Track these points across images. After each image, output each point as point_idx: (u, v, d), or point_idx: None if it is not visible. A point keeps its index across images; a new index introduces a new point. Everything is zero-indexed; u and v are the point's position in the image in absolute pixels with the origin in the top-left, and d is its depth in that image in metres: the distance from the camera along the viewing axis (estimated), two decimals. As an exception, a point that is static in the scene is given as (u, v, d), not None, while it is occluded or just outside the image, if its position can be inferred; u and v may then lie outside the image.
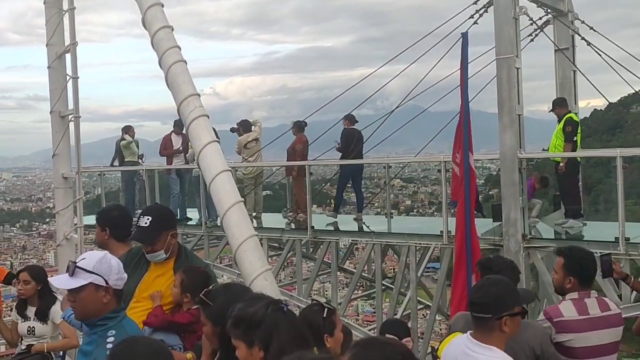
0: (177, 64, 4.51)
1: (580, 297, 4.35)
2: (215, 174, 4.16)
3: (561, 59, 12.26)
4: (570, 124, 10.67)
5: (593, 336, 4.27)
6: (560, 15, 12.16)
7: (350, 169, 12.97)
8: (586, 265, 4.45)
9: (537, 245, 10.00)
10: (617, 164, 9.48)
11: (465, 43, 6.45)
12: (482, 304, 3.30)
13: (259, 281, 3.82)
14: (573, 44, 12.33)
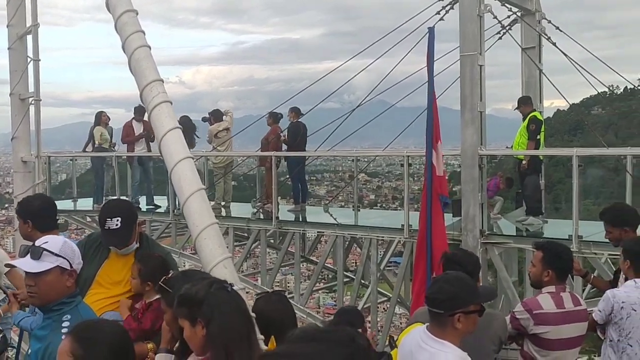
0: (140, 49, 4.45)
1: (557, 290, 4.52)
2: (177, 161, 4.12)
3: (527, 58, 12.41)
4: (534, 122, 10.86)
5: (566, 329, 4.45)
6: (528, 14, 12.29)
7: (296, 160, 13.10)
8: (564, 259, 4.63)
9: (494, 242, 10.17)
10: (573, 163, 9.72)
11: (431, 37, 6.50)
12: (435, 300, 3.33)
13: (219, 269, 3.80)
14: (539, 43, 12.47)
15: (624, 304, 4.74)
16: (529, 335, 4.45)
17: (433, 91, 6.41)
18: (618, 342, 4.79)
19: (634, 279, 4.83)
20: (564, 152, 11.03)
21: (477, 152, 10.13)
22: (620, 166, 10.18)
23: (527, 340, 4.49)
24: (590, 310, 5.05)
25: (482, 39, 10.32)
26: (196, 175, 4.21)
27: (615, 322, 4.78)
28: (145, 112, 9.43)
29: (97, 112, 14.66)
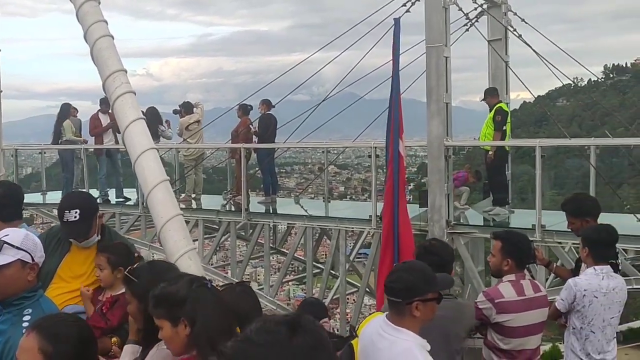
0: (103, 39, 4.38)
1: (517, 278, 4.57)
2: (141, 152, 4.08)
3: (493, 50, 12.42)
4: (500, 113, 10.97)
5: (528, 315, 4.50)
6: (494, 6, 12.31)
7: (266, 152, 13.08)
8: (523, 248, 4.68)
9: (460, 232, 10.30)
10: (536, 154, 9.87)
11: (397, 29, 6.52)
12: (393, 289, 3.36)
13: (183, 260, 3.78)
14: (506, 36, 12.48)
15: (586, 291, 4.82)
16: (491, 324, 4.49)
17: (398, 82, 6.41)
18: (581, 329, 4.87)
19: (593, 267, 4.91)
20: (528, 143, 11.21)
21: (443, 143, 10.22)
22: (585, 157, 10.33)
23: (490, 329, 4.54)
24: (552, 298, 5.13)
25: (448, 30, 10.38)
26: (160, 166, 4.17)
27: (578, 310, 4.85)
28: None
29: (63, 105, 14.44)
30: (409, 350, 3.18)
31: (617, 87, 63.98)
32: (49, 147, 15.40)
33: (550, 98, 57.11)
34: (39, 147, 16.47)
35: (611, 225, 5.21)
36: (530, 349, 4.58)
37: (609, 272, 4.90)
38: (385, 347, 3.26)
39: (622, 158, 23.69)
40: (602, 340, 4.84)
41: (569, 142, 13.37)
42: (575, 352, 4.91)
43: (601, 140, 11.22)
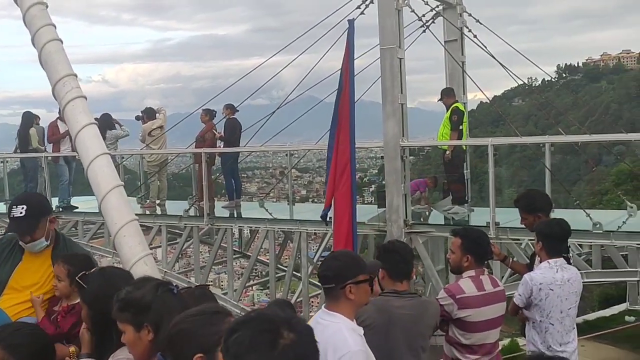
0: (51, 43, 4.27)
1: (477, 274, 4.62)
2: (93, 157, 3.98)
3: (451, 51, 12.48)
4: (456, 113, 11.06)
5: (488, 310, 4.55)
6: (449, 7, 12.41)
7: (231, 157, 13.04)
8: (482, 244, 4.72)
9: (418, 231, 10.37)
10: (489, 152, 10.01)
11: (351, 30, 6.51)
12: (325, 276, 3.48)
13: (140, 266, 3.69)
14: (462, 37, 12.58)
15: (542, 285, 4.87)
16: (453, 320, 4.52)
17: (352, 82, 6.38)
18: (540, 322, 4.92)
19: (547, 260, 4.97)
20: (480, 142, 11.34)
21: (399, 144, 10.29)
22: (540, 155, 10.51)
23: (452, 325, 4.57)
24: (510, 294, 5.18)
25: (401, 32, 10.45)
26: (114, 171, 4.08)
27: (536, 303, 4.90)
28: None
29: (25, 113, 14.27)
30: (339, 332, 3.27)
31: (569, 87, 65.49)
32: (10, 156, 15.22)
33: (506, 98, 58.27)
34: (1, 156, 16.14)
35: (564, 220, 5.28)
36: (490, 342, 4.62)
37: (562, 265, 4.97)
38: (319, 331, 3.30)
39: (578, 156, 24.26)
40: (561, 332, 4.90)
41: (520, 140, 13.64)
42: (537, 345, 4.95)
43: (553, 137, 11.42)
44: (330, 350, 3.19)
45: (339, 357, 3.18)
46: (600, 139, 12.85)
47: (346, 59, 6.32)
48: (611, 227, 9.45)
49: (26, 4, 4.39)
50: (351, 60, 6.35)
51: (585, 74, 75.83)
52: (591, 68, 78.09)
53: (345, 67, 6.33)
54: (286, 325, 1.67)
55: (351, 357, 3.18)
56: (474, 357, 4.54)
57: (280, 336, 1.63)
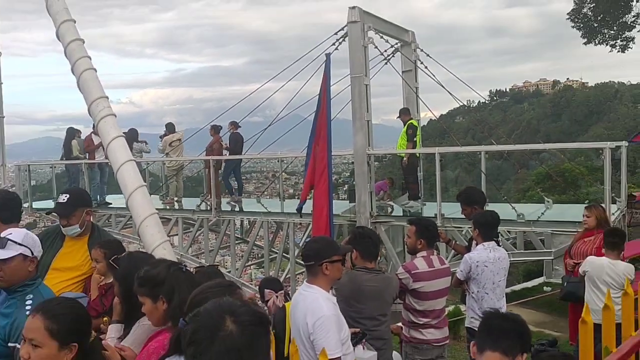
0: (87, 71, 4.22)
1: (428, 254, 4.61)
2: (121, 163, 3.94)
3: (407, 78, 12.53)
4: (411, 128, 11.10)
5: (436, 283, 4.54)
6: (406, 44, 12.46)
7: (233, 163, 12.94)
8: (432, 230, 4.73)
9: (381, 221, 10.40)
10: (436, 158, 10.07)
11: (328, 61, 6.50)
12: (307, 255, 3.46)
13: (159, 250, 3.67)
14: (415, 67, 12.58)
15: (478, 262, 4.90)
16: (409, 290, 4.52)
17: (329, 103, 6.35)
18: (477, 292, 4.94)
19: (482, 243, 5.00)
20: (429, 150, 11.37)
21: (366, 152, 10.35)
22: (477, 160, 10.55)
23: (408, 294, 4.56)
24: (454, 270, 5.20)
25: (367, 64, 10.49)
26: (138, 174, 4.03)
27: (474, 277, 4.93)
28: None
29: (69, 128, 14.22)
30: (316, 300, 3.26)
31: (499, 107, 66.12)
32: (58, 162, 15.03)
33: (450, 116, 58.60)
34: (50, 163, 16.06)
35: (495, 211, 5.34)
36: (438, 309, 4.63)
37: (494, 247, 5.01)
38: (300, 300, 3.36)
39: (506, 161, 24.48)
40: (493, 299, 4.92)
41: (460, 149, 13.71)
42: (475, 310, 4.97)
43: (487, 147, 11.46)
44: (309, 315, 3.20)
45: (315, 320, 3.17)
46: (523, 148, 13.07)
47: (324, 84, 6.30)
48: (532, 217, 9.50)
49: (67, 40, 4.34)
50: (328, 86, 6.33)
51: (512, 97, 76.63)
52: (516, 92, 78.98)
53: (323, 91, 6.30)
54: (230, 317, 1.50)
55: (324, 320, 3.17)
56: (425, 320, 4.55)
57: (220, 329, 1.48)
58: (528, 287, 12.60)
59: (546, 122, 60.44)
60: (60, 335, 2.26)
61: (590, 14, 17.42)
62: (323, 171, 6.09)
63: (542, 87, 79.84)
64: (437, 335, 4.59)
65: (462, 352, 7.58)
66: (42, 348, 2.24)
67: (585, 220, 6.16)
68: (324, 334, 3.14)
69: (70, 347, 2.27)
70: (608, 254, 5.46)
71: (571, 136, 47.90)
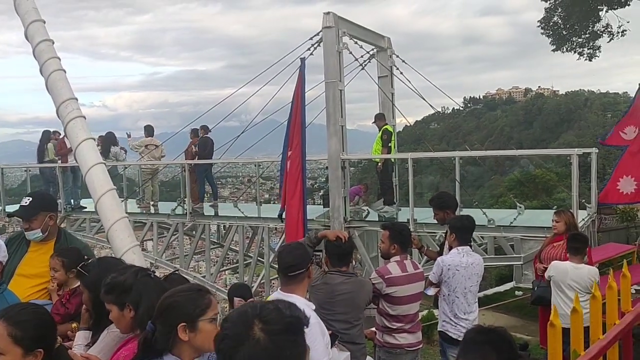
0: (56, 72, 4.11)
1: (401, 259, 4.59)
2: (90, 166, 3.84)
3: (382, 84, 12.54)
4: (385, 133, 11.13)
5: (409, 287, 4.53)
6: (382, 50, 12.47)
7: (204, 167, 12.88)
8: (405, 235, 4.70)
9: (355, 225, 10.41)
10: (409, 164, 10.15)
11: (302, 65, 6.48)
12: (296, 264, 3.31)
13: (129, 255, 3.58)
14: (391, 73, 12.59)
15: (450, 266, 4.92)
16: (382, 295, 4.50)
17: (304, 107, 6.31)
18: (448, 295, 4.95)
19: (457, 247, 5.02)
20: (402, 155, 11.41)
21: (340, 157, 10.35)
22: (451, 166, 10.61)
23: (381, 299, 4.55)
24: (427, 275, 5.20)
25: (342, 69, 10.47)
26: (107, 177, 3.93)
27: (445, 280, 4.94)
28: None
29: (44, 131, 14.06)
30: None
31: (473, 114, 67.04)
32: (32, 165, 14.77)
33: (425, 122, 59.16)
34: (24, 166, 15.78)
35: (471, 216, 5.36)
36: (412, 313, 4.62)
37: (468, 252, 5.02)
38: None
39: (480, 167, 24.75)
40: (464, 303, 4.93)
41: (433, 155, 13.83)
42: (446, 313, 4.98)
43: (460, 152, 11.53)
44: None
45: None
46: (494, 154, 13.25)
47: (298, 89, 6.26)
48: (505, 222, 9.62)
49: (36, 40, 4.23)
50: (302, 90, 6.29)
51: (485, 104, 77.78)
52: (489, 100, 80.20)
53: (297, 95, 6.26)
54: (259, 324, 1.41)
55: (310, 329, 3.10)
56: (399, 325, 4.54)
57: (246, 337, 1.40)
58: (500, 291, 12.73)
59: (519, 129, 61.50)
60: (24, 341, 2.21)
61: (560, 22, 17.79)
62: (298, 176, 6.04)
63: (515, 95, 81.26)
64: (410, 340, 4.58)
65: (435, 356, 7.60)
66: (5, 355, 2.20)
67: (554, 225, 6.26)
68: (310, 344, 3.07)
69: (35, 353, 2.22)
70: (572, 258, 5.56)
71: (543, 143, 48.82)
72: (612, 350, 2.63)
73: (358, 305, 4.13)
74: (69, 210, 13.40)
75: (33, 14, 4.35)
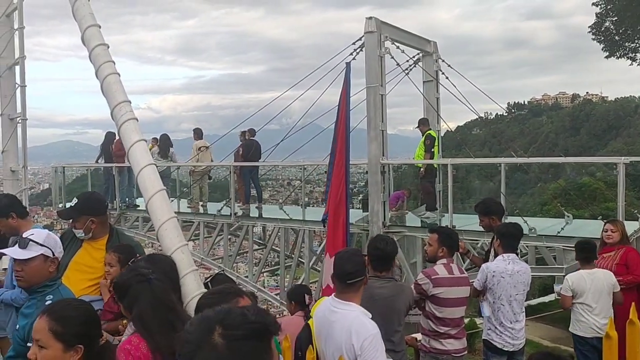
0: (111, 75, 4.23)
1: (448, 262, 4.63)
2: (142, 167, 3.92)
3: (427, 89, 12.42)
4: (429, 138, 11.03)
5: (455, 290, 4.54)
6: (427, 54, 12.38)
7: (249, 169, 13.02)
8: (454, 239, 4.75)
9: (393, 231, 10.26)
10: (449, 170, 9.99)
11: (347, 70, 6.48)
12: (358, 271, 3.26)
13: (177, 254, 3.63)
14: (437, 78, 12.47)
15: (495, 273, 4.86)
16: (429, 297, 4.51)
17: (349, 112, 6.30)
18: (493, 303, 4.90)
19: (502, 255, 4.94)
20: (442, 161, 11.20)
21: (380, 162, 10.31)
22: (494, 174, 10.42)
23: (428, 301, 4.55)
24: (472, 281, 5.14)
25: (383, 74, 10.48)
26: (158, 178, 4.01)
27: (490, 287, 4.89)
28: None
29: (107, 133, 14.53)
30: (358, 318, 3.14)
31: (517, 120, 65.58)
32: (93, 165, 15.45)
33: (467, 127, 58.23)
34: (86, 165, 16.46)
35: (518, 223, 5.28)
36: (458, 317, 4.61)
37: (514, 259, 4.95)
38: (338, 319, 3.17)
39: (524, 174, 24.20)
40: (510, 312, 4.87)
41: (474, 161, 13.58)
42: (491, 322, 4.94)
43: (501, 159, 11.27)
44: (354, 336, 3.05)
45: (362, 340, 3.03)
46: (538, 161, 12.93)
47: (343, 93, 6.26)
48: (550, 231, 9.36)
49: (92, 44, 4.36)
50: (348, 94, 6.29)
51: (530, 110, 75.94)
52: (534, 105, 78.25)
53: (343, 99, 6.26)
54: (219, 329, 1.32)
55: (373, 339, 3.05)
56: (445, 329, 4.53)
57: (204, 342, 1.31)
58: (544, 302, 12.41)
59: (564, 135, 59.76)
60: (64, 336, 2.25)
61: (612, 28, 17.24)
62: (341, 180, 6.05)
63: (561, 101, 79.01)
64: (456, 346, 4.56)
65: (477, 365, 7.47)
66: (47, 349, 2.24)
67: (609, 235, 6.00)
68: (373, 354, 3.02)
69: (76, 349, 2.25)
70: (584, 266, 5.47)
71: (590, 151, 47.31)
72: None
73: (398, 310, 4.08)
74: (123, 208, 13.90)
75: (89, 19, 4.49)
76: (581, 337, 5.30)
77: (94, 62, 4.34)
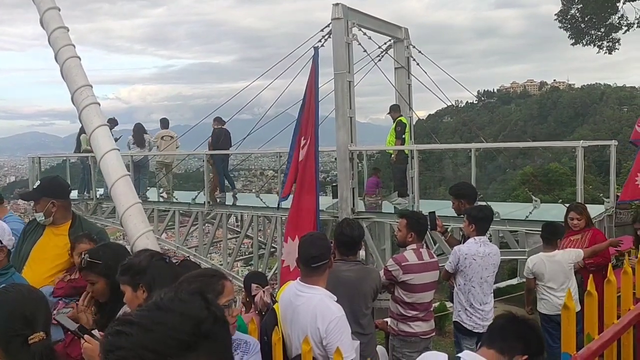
0: (71, 59, 4.10)
1: (418, 247, 4.59)
2: (105, 152, 3.83)
3: (398, 76, 12.35)
4: (399, 125, 11.02)
5: (425, 276, 4.51)
6: (398, 41, 12.28)
7: (221, 158, 12.86)
8: (423, 224, 4.70)
9: (362, 217, 10.22)
10: (414, 157, 10.02)
11: (316, 54, 6.39)
12: (321, 254, 3.22)
13: (142, 240, 3.57)
14: (409, 64, 12.39)
15: (467, 255, 4.88)
16: (398, 283, 4.49)
17: (317, 96, 6.20)
18: (464, 285, 4.92)
19: (474, 237, 4.97)
20: (407, 147, 11.20)
21: (348, 149, 10.24)
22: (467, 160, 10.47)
23: (397, 287, 4.53)
24: (442, 265, 5.16)
25: (351, 60, 10.35)
26: (122, 163, 3.92)
27: (462, 270, 4.91)
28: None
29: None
30: (322, 301, 3.11)
31: (487, 108, 66.49)
32: (69, 155, 15.11)
33: (438, 115, 58.84)
34: (64, 156, 16.10)
35: (489, 206, 5.32)
36: (427, 302, 4.61)
37: (485, 241, 4.99)
38: (303, 302, 3.14)
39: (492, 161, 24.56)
40: (480, 294, 4.90)
41: (440, 147, 13.64)
42: (462, 303, 4.96)
43: (466, 145, 11.35)
44: (319, 319, 3.03)
45: (327, 323, 3.01)
46: (503, 146, 13.05)
47: (311, 78, 6.17)
48: (519, 216, 9.42)
49: (51, 27, 4.23)
50: (316, 79, 6.21)
51: (499, 98, 77.10)
52: (503, 93, 79.50)
53: (311, 84, 6.17)
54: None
55: (337, 322, 3.03)
56: (414, 313, 4.52)
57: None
58: (513, 284, 12.61)
59: (532, 123, 60.92)
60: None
61: (578, 15, 17.50)
62: (310, 166, 5.97)
63: (529, 89, 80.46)
64: (424, 328, 4.57)
65: (447, 347, 7.55)
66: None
67: (575, 223, 6.09)
68: (338, 336, 3.00)
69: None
70: (545, 248, 5.57)
71: (557, 137, 48.26)
72: (626, 335, 2.60)
73: (364, 293, 4.00)
74: (100, 198, 13.63)
75: (48, 1, 4.34)
76: (546, 315, 5.39)
77: (53, 45, 4.21)
